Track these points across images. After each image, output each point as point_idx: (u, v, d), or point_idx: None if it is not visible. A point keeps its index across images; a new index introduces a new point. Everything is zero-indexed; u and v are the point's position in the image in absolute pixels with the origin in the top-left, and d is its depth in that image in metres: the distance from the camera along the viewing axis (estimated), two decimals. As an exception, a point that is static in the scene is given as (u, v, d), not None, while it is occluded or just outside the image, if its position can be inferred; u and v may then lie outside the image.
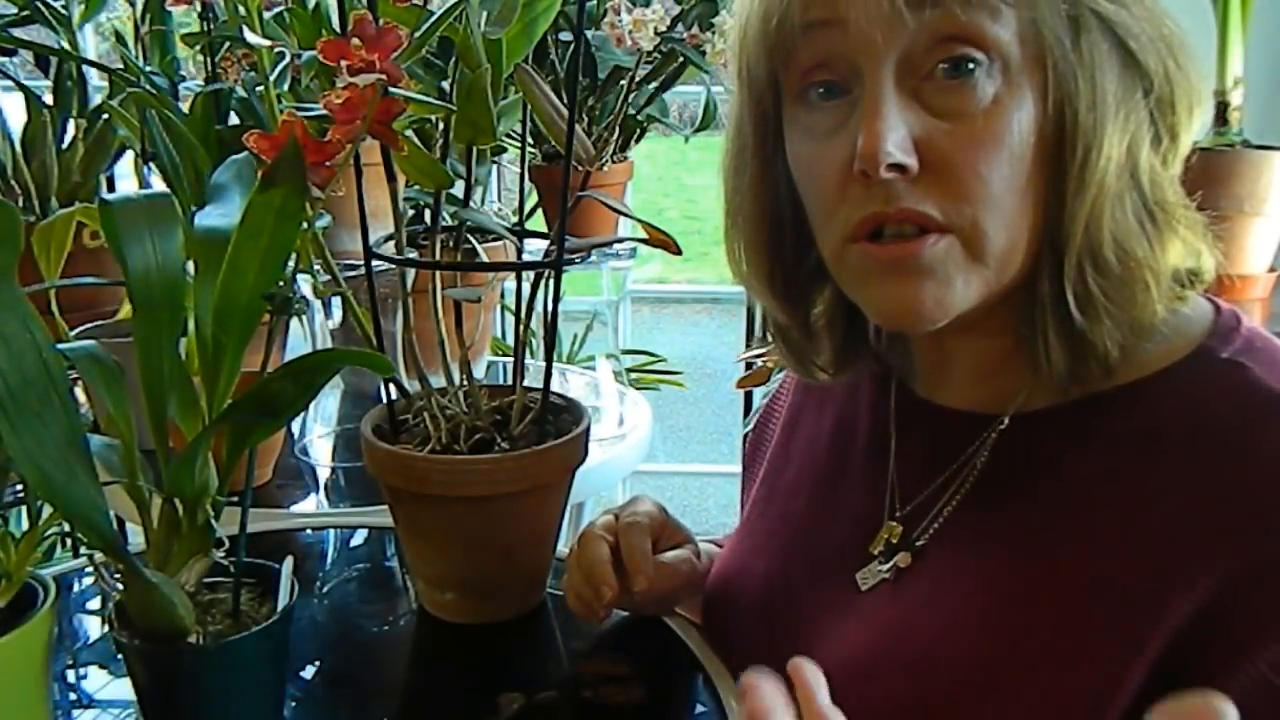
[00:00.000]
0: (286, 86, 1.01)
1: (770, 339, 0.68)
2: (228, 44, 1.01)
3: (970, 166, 0.50)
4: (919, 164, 0.50)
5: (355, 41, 0.54)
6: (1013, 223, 0.52)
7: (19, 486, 0.58)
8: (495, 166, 1.41)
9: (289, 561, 0.59)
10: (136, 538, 0.58)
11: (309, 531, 0.92)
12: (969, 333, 0.58)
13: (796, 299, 0.63)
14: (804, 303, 0.64)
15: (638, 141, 1.38)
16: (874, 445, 0.66)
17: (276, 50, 0.81)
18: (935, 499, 0.60)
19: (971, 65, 0.50)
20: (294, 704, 0.67)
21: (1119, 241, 0.52)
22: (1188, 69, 0.54)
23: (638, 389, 1.86)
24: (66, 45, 1.15)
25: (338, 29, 0.69)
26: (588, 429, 0.74)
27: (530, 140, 0.96)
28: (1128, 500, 0.52)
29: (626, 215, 0.81)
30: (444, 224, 0.79)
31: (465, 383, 0.76)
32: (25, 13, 1.12)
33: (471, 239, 0.85)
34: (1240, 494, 0.50)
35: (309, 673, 0.71)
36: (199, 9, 0.94)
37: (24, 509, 0.59)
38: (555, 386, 0.74)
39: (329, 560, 0.88)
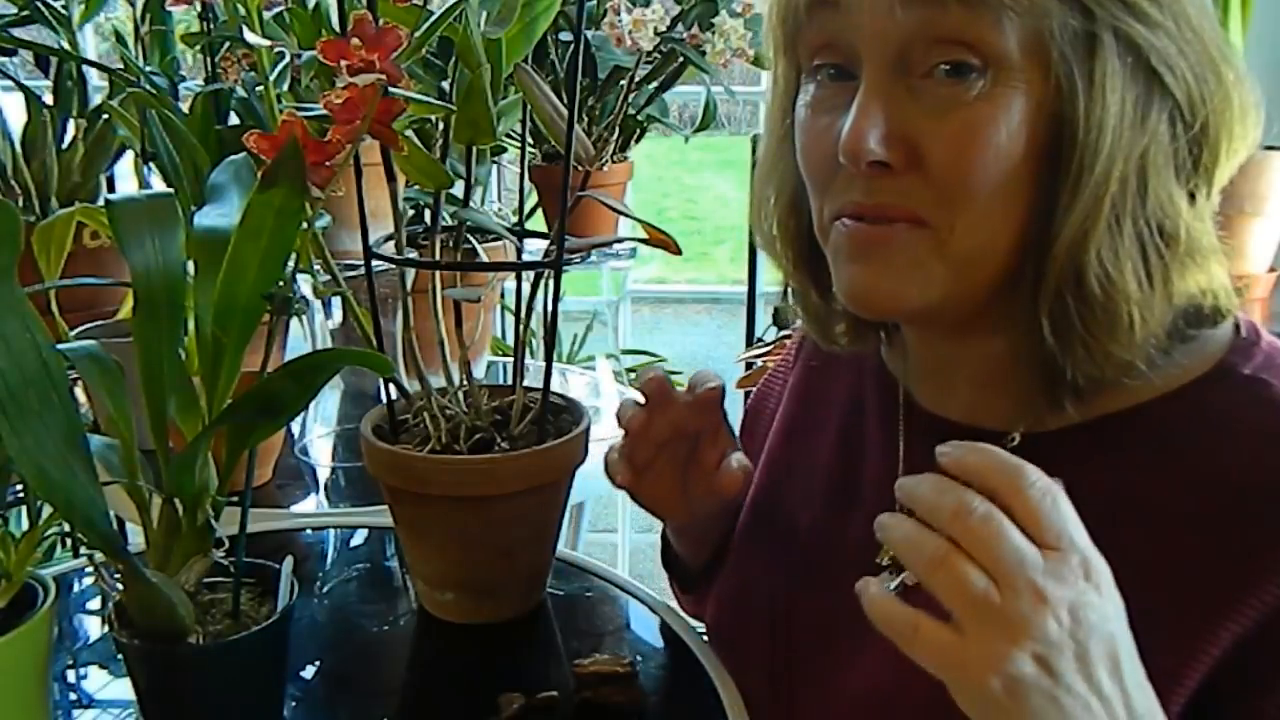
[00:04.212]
0: (286, 86, 1.01)
1: (778, 324, 0.67)
2: (228, 44, 1.01)
3: (952, 168, 0.50)
4: (904, 160, 0.50)
5: (355, 41, 0.54)
6: (991, 228, 0.51)
7: (19, 486, 0.58)
8: (495, 166, 1.41)
9: (289, 561, 0.59)
10: (136, 538, 0.58)
11: (309, 531, 0.92)
12: (964, 340, 0.58)
13: (817, 274, 0.62)
14: (824, 277, 0.63)
15: (638, 141, 1.37)
16: (884, 456, 0.65)
17: (276, 50, 0.81)
18: None
19: (968, 69, 0.49)
20: (294, 704, 0.67)
21: (1106, 269, 0.50)
22: (1234, 100, 0.51)
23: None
24: (66, 45, 1.15)
25: (338, 29, 0.69)
26: (588, 429, 0.74)
27: (530, 140, 0.96)
28: (1151, 525, 0.51)
29: (626, 215, 0.81)
30: (444, 224, 0.79)
31: (465, 383, 0.76)
32: (25, 13, 1.12)
33: (471, 239, 0.85)
34: (1271, 517, 0.49)
35: (309, 673, 0.71)
36: (199, 9, 0.94)
37: (24, 509, 0.59)
38: (555, 386, 0.74)
39: (329, 560, 0.88)
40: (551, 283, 0.73)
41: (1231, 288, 0.54)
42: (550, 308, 0.73)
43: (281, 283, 0.54)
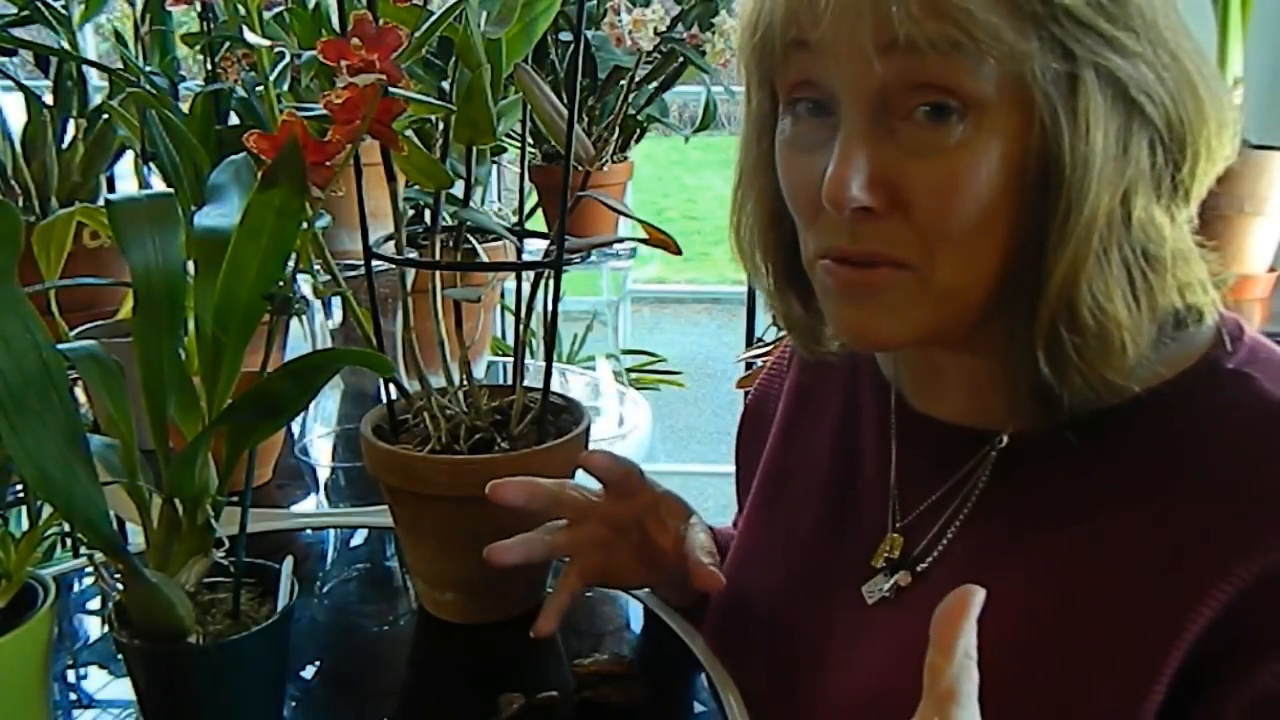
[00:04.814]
0: (286, 86, 1.01)
1: (777, 325, 0.67)
2: (228, 44, 1.01)
3: (935, 213, 0.50)
4: (886, 203, 0.50)
5: (355, 41, 0.54)
6: (976, 265, 0.51)
7: (19, 486, 0.58)
8: (495, 166, 1.41)
9: (289, 561, 0.59)
10: (136, 538, 0.58)
11: (309, 531, 0.92)
12: (956, 351, 0.58)
13: (799, 284, 0.63)
14: (805, 287, 0.63)
15: (638, 141, 1.38)
16: (878, 458, 0.65)
17: (276, 50, 0.81)
18: (936, 514, 0.60)
19: (949, 111, 0.49)
20: (294, 704, 0.67)
21: (1098, 301, 0.50)
22: (1211, 117, 0.51)
23: (638, 389, 1.86)
24: (66, 45, 1.15)
25: (338, 29, 0.69)
26: (588, 429, 0.74)
27: (530, 140, 0.96)
28: (1138, 515, 0.52)
29: (626, 215, 0.81)
30: (444, 224, 0.79)
31: (465, 383, 0.76)
32: (25, 13, 1.12)
33: (471, 239, 0.85)
34: (1251, 504, 0.49)
35: (309, 673, 0.71)
36: (199, 9, 0.94)
37: (24, 509, 0.59)
38: (555, 386, 0.74)
39: (329, 560, 0.88)
40: (551, 283, 0.73)
41: (1209, 281, 0.54)
42: (550, 308, 0.73)
43: (281, 283, 0.54)
